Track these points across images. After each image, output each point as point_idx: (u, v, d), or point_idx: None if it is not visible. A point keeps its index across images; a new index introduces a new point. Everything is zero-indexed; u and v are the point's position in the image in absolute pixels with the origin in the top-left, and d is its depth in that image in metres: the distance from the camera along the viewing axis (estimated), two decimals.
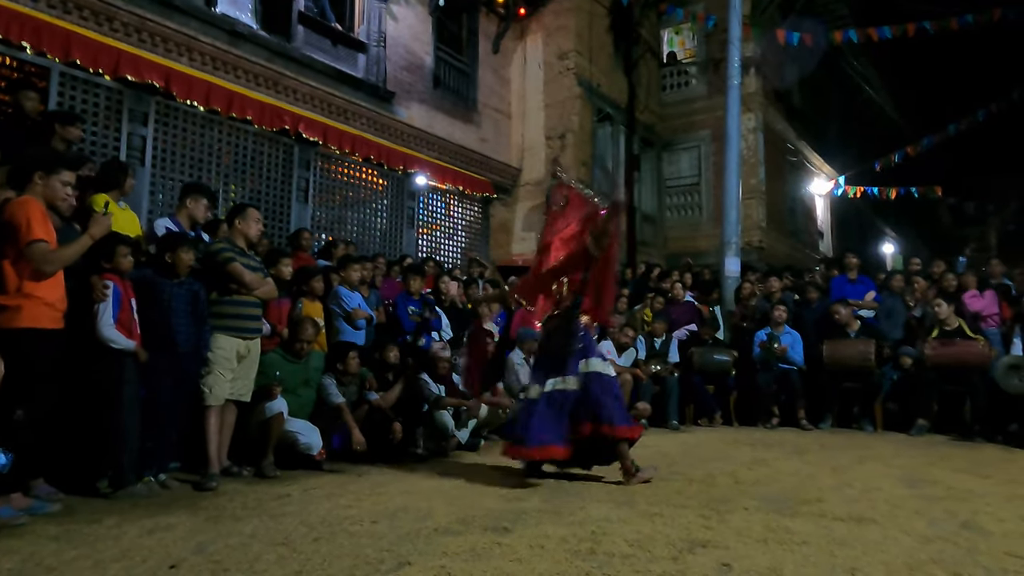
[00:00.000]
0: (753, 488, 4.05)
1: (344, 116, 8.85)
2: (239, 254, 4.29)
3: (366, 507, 3.51)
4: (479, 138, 11.41)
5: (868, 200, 18.55)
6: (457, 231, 11.42)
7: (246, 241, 4.43)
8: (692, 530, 3.00)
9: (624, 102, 13.55)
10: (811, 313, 7.90)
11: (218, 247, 4.30)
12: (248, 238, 4.45)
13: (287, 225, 8.17)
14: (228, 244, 4.33)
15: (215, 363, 4.14)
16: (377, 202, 9.85)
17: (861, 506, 3.53)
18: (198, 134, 7.44)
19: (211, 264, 4.24)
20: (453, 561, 2.55)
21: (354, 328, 5.90)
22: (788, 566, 2.49)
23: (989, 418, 6.44)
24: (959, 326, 6.78)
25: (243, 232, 4.41)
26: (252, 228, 4.45)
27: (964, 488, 4.05)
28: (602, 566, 2.50)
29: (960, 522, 3.21)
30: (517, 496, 3.77)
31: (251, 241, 4.50)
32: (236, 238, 4.40)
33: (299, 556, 2.64)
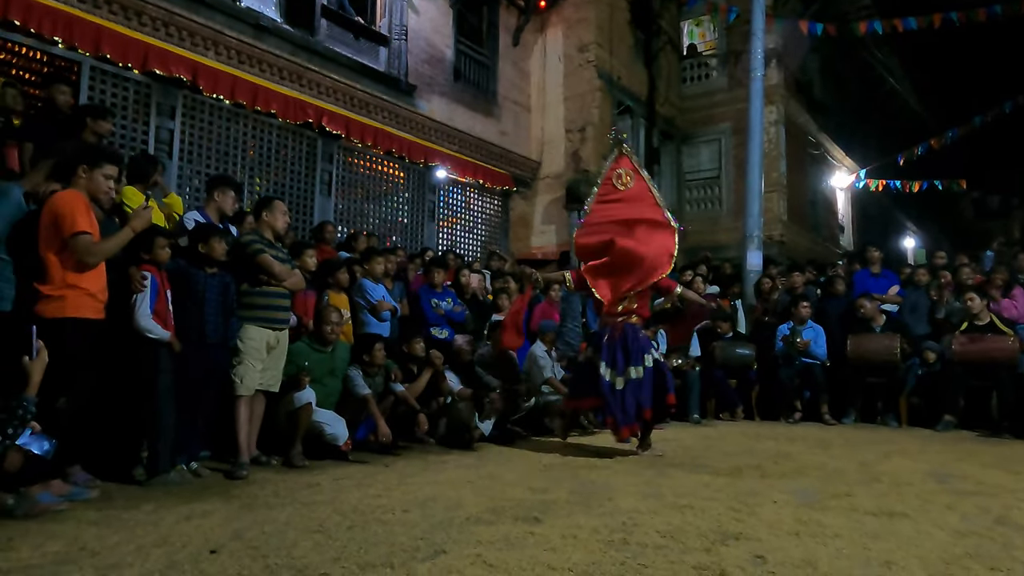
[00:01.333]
0: (780, 482, 4.04)
1: (366, 109, 8.90)
2: (267, 246, 4.35)
3: (396, 496, 3.55)
4: (499, 131, 11.41)
5: (889, 193, 18.32)
6: (477, 224, 11.45)
7: (273, 233, 4.49)
8: (723, 522, 3.01)
9: (644, 95, 13.48)
10: (835, 307, 7.84)
11: (248, 239, 4.36)
12: (275, 230, 4.50)
13: (310, 218, 8.24)
14: (257, 236, 4.38)
15: (246, 353, 4.19)
16: (398, 195, 9.90)
17: (891, 500, 3.51)
18: (224, 127, 7.52)
19: (241, 256, 4.29)
20: (488, 550, 2.57)
21: (379, 320, 5.95)
22: (822, 559, 2.49)
23: (1017, 414, 6.37)
24: (990, 321, 6.69)
25: (270, 224, 4.46)
26: (279, 220, 4.50)
27: (995, 483, 4.01)
28: (636, 556, 2.51)
29: (993, 518, 3.18)
30: (544, 488, 3.79)
31: (278, 233, 4.55)
32: (263, 230, 4.45)
33: (335, 543, 2.69)
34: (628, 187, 5.26)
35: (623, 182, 5.26)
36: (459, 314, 6.60)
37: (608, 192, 5.33)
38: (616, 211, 5.23)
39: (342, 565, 2.42)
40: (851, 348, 7.11)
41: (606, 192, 5.34)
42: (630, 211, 5.18)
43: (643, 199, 5.21)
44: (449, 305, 6.57)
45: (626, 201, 5.24)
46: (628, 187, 5.26)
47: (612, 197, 5.31)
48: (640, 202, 5.20)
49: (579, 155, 11.90)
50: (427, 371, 5.56)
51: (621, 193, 5.28)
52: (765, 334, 7.92)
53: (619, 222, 5.18)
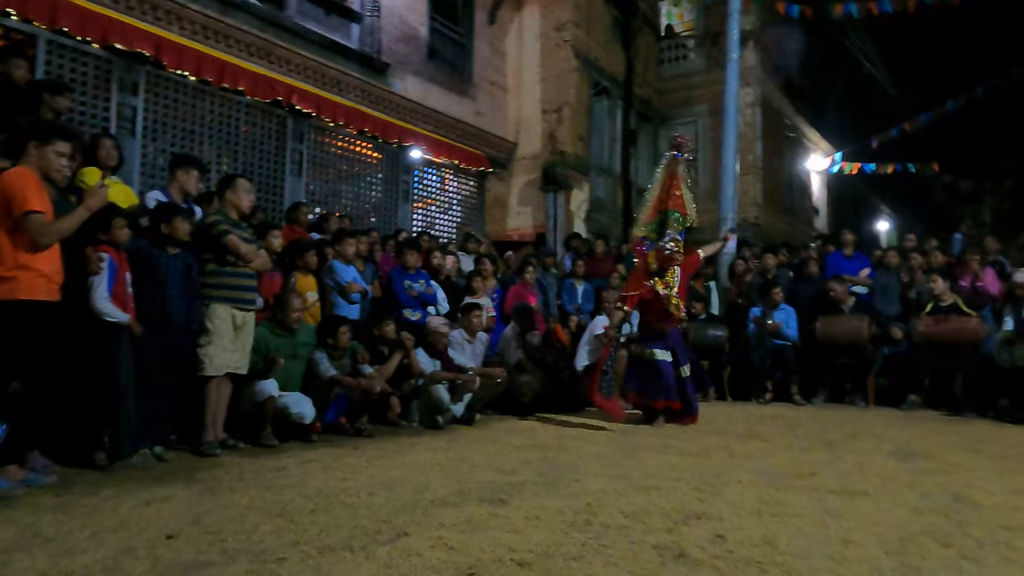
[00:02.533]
0: (747, 462, 4.08)
1: (338, 88, 8.73)
2: (233, 226, 4.26)
3: (363, 479, 3.52)
4: (475, 111, 11.28)
5: (864, 177, 18.52)
6: (452, 206, 11.35)
7: (238, 212, 4.39)
8: (687, 502, 3.03)
9: (621, 76, 13.41)
10: (807, 289, 7.92)
11: (212, 219, 4.26)
12: (239, 209, 4.41)
13: (281, 198, 8.10)
14: (222, 216, 4.29)
15: (215, 333, 4.13)
16: (372, 176, 9.76)
17: (853, 479, 3.56)
18: (189, 104, 7.33)
19: (206, 237, 4.20)
20: (450, 532, 2.56)
21: (348, 302, 5.88)
22: (782, 537, 2.52)
23: (980, 393, 6.51)
24: (954, 302, 6.81)
25: (234, 203, 4.37)
26: (243, 199, 4.40)
27: (954, 462, 4.09)
28: (598, 537, 2.52)
29: (951, 495, 3.25)
30: (513, 469, 3.79)
31: (243, 212, 4.45)
32: (228, 210, 4.36)
33: (296, 527, 2.66)
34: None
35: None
36: (431, 296, 6.55)
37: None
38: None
39: (301, 549, 2.39)
40: (820, 330, 7.20)
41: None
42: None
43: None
44: (422, 287, 6.51)
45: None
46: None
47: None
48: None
49: (556, 136, 11.82)
50: (398, 353, 5.51)
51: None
52: (738, 316, 7.99)
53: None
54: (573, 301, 8.41)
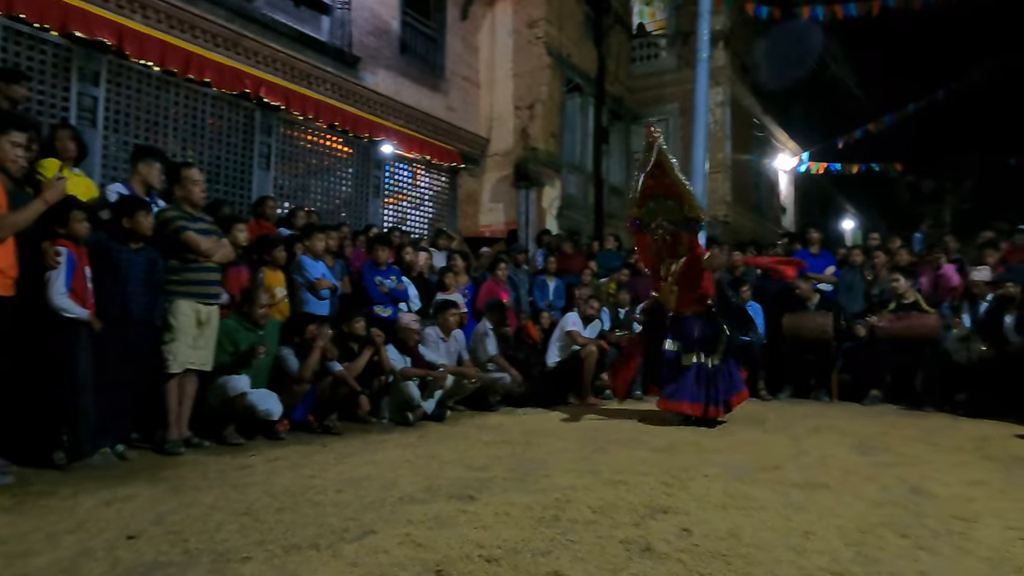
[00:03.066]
0: (714, 456, 4.14)
1: (307, 81, 8.61)
2: (189, 220, 4.16)
3: (331, 477, 3.49)
4: (447, 107, 11.23)
5: (830, 176, 18.86)
6: (424, 201, 11.29)
7: (192, 204, 4.27)
8: (654, 497, 3.06)
9: (593, 73, 13.46)
10: (774, 286, 8.04)
11: (167, 216, 4.14)
12: (192, 202, 4.27)
13: (249, 192, 7.96)
14: (177, 211, 4.18)
15: (178, 329, 4.05)
16: (342, 170, 9.65)
17: (816, 473, 3.64)
18: (153, 95, 7.15)
19: (164, 234, 4.10)
20: (418, 529, 2.55)
21: (318, 298, 5.82)
22: (746, 530, 2.56)
23: (939, 388, 6.69)
24: (915, 300, 6.98)
25: (184, 198, 4.25)
26: (192, 191, 4.26)
27: (913, 455, 4.21)
28: (566, 532, 2.53)
29: (909, 487, 3.33)
30: (482, 465, 3.79)
31: (196, 203, 4.32)
32: (182, 203, 4.25)
33: (261, 526, 2.62)
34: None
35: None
36: (402, 292, 6.51)
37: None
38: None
39: (266, 548, 2.36)
40: (786, 326, 7.33)
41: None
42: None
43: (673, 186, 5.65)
44: (393, 283, 6.47)
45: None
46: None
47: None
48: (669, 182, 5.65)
49: (528, 132, 11.82)
50: (367, 350, 5.47)
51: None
52: None
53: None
54: (544, 298, 8.43)
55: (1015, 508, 2.95)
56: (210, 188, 7.60)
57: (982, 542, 2.46)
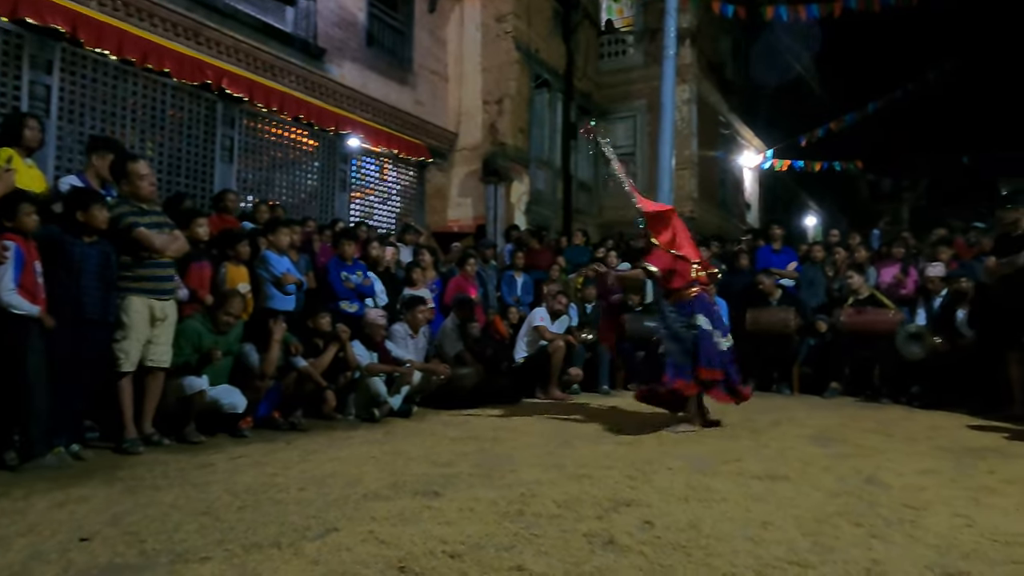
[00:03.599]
0: (677, 449, 4.20)
1: (272, 72, 8.45)
2: (139, 214, 4.04)
3: (294, 475, 3.45)
4: (414, 100, 11.14)
5: (794, 173, 19.24)
6: (391, 196, 11.20)
7: (140, 199, 4.14)
8: (618, 490, 3.09)
9: (562, 69, 13.49)
10: (738, 281, 8.17)
11: (117, 212, 4.01)
12: (139, 197, 4.13)
13: (210, 185, 7.79)
14: (127, 206, 4.06)
15: (130, 327, 3.95)
16: (308, 164, 9.51)
17: (776, 464, 3.71)
18: (110, 85, 6.95)
19: (114, 230, 3.98)
20: (381, 526, 2.54)
21: (284, 294, 5.73)
22: (707, 522, 2.60)
23: (895, 381, 6.88)
24: (871, 295, 7.18)
25: (132, 193, 4.11)
26: (139, 185, 4.10)
27: (869, 446, 4.32)
28: (530, 527, 2.54)
29: (864, 477, 3.42)
30: (448, 461, 3.79)
31: (145, 198, 4.18)
32: (130, 198, 4.13)
33: (222, 525, 2.58)
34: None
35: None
36: (369, 288, 6.45)
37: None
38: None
39: (226, 547, 2.33)
40: (749, 321, 7.46)
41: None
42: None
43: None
44: (359, 278, 6.41)
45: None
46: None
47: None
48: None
49: (496, 127, 11.80)
50: (333, 345, 5.41)
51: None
52: None
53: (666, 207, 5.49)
54: (512, 293, 8.44)
55: (964, 496, 3.05)
56: (171, 181, 7.46)
57: (931, 530, 2.54)
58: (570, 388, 7.29)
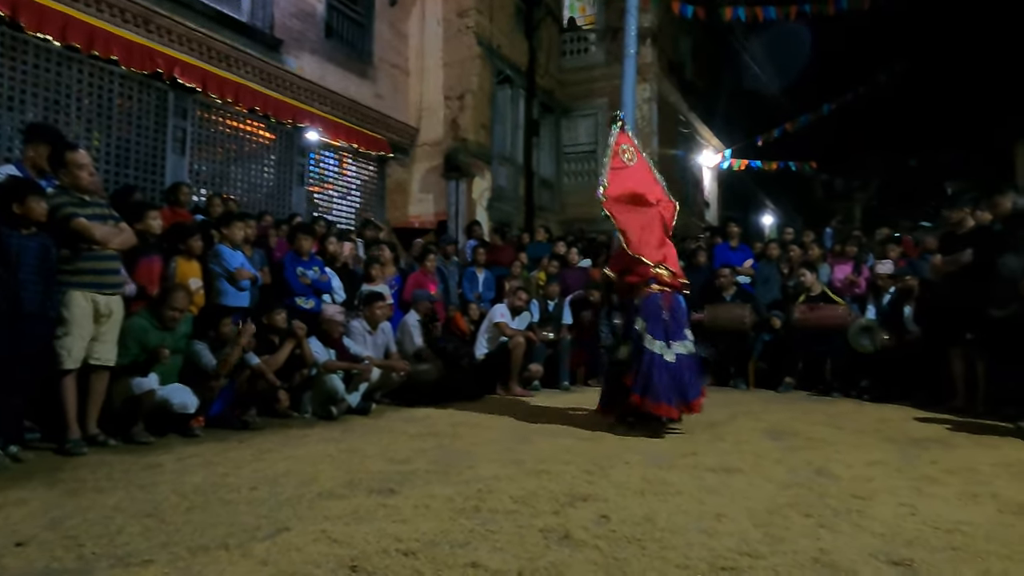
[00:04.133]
0: (636, 444, 4.23)
1: (226, 62, 8.22)
2: (79, 205, 3.88)
3: (246, 474, 3.37)
4: (375, 94, 10.99)
5: (751, 173, 19.64)
6: (351, 191, 11.03)
7: (80, 189, 3.97)
8: (575, 485, 3.10)
9: (524, 66, 13.48)
10: (696, 278, 8.27)
11: (55, 203, 3.84)
12: (79, 187, 3.95)
13: (162, 178, 7.55)
14: (65, 197, 3.89)
15: (72, 323, 3.79)
16: (264, 157, 9.30)
17: (731, 458, 3.77)
18: (53, 72, 6.66)
19: (53, 221, 3.81)
20: (334, 525, 2.49)
21: (238, 289, 5.60)
22: (662, 515, 2.62)
23: (846, 376, 7.08)
24: (823, 292, 7.36)
25: (71, 184, 3.94)
26: (78, 175, 3.93)
27: (820, 438, 4.43)
28: (486, 523, 2.52)
29: (815, 469, 3.50)
30: (406, 458, 3.75)
31: (85, 189, 4.01)
32: (70, 188, 3.96)
33: (167, 527, 2.50)
34: (633, 162, 5.25)
35: (628, 157, 5.28)
36: (326, 284, 6.34)
37: (619, 164, 5.24)
38: (633, 183, 5.17)
39: (170, 550, 2.25)
40: (707, 317, 7.57)
41: (617, 164, 5.23)
42: (646, 186, 5.17)
43: (650, 174, 5.26)
44: (316, 274, 6.29)
45: (638, 176, 5.22)
46: (633, 162, 5.25)
47: (620, 168, 5.22)
48: (650, 177, 5.23)
49: (458, 123, 11.73)
50: (288, 342, 5.31)
51: (629, 167, 5.24)
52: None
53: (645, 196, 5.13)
54: (474, 289, 8.41)
55: (908, 486, 3.15)
56: (119, 173, 7.21)
57: (877, 519, 2.61)
58: (531, 384, 7.30)
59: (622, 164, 5.22)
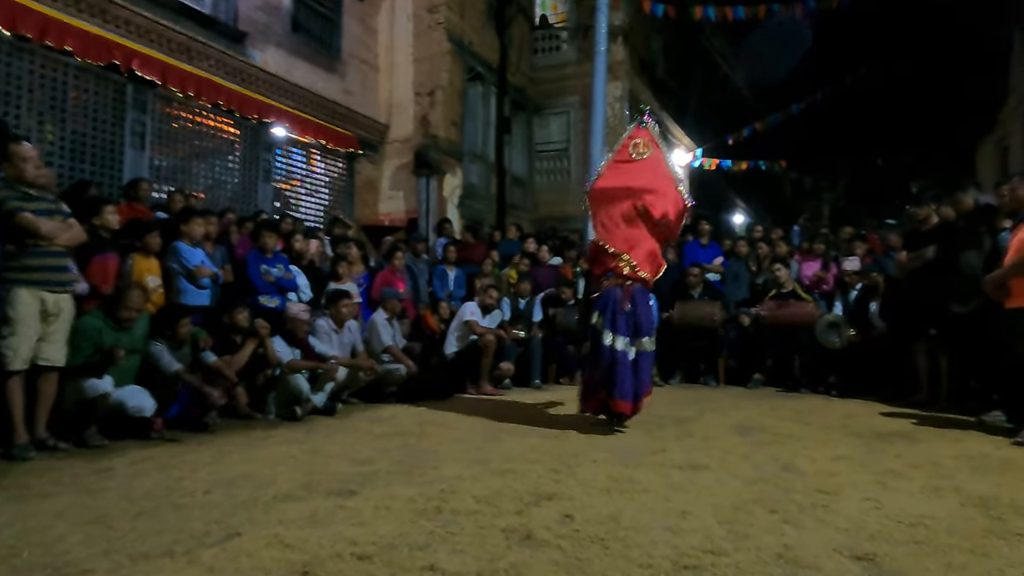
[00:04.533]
0: (604, 442, 4.20)
1: (188, 55, 8.00)
2: (24, 199, 3.72)
3: (201, 478, 3.25)
4: (343, 90, 10.82)
5: (722, 172, 19.80)
6: (319, 188, 10.84)
7: (26, 183, 3.81)
8: (541, 484, 3.04)
9: (495, 62, 13.40)
10: (666, 275, 8.28)
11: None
12: (24, 181, 3.79)
13: (120, 173, 7.32)
14: (10, 191, 3.72)
15: (17, 322, 3.63)
16: (229, 153, 9.08)
17: (699, 454, 3.75)
18: (3, 63, 6.41)
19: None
20: (288, 529, 2.40)
21: (198, 287, 5.45)
22: (627, 513, 2.58)
23: (814, 372, 7.14)
24: (793, 289, 7.42)
25: (16, 177, 3.77)
26: (23, 168, 3.77)
27: (787, 434, 4.43)
28: (447, 524, 2.45)
29: (781, 465, 3.49)
30: (369, 459, 3.66)
31: (31, 182, 3.84)
32: (14, 182, 3.80)
33: (112, 534, 2.38)
34: (644, 156, 5.07)
35: (639, 151, 5.14)
36: (290, 282, 6.20)
37: (624, 157, 5.09)
38: (628, 176, 5.00)
39: (112, 558, 2.14)
40: (676, 314, 7.59)
41: (622, 157, 5.10)
42: (641, 179, 4.96)
43: (657, 169, 5.04)
44: (280, 272, 6.16)
45: (639, 169, 5.02)
46: (644, 156, 5.07)
47: (625, 161, 5.07)
48: (653, 172, 5.01)
49: (428, 120, 11.61)
50: (250, 342, 5.18)
51: (636, 161, 5.06)
52: None
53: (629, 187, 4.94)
54: (444, 288, 8.32)
55: (872, 480, 3.15)
56: (74, 168, 6.97)
57: (841, 513, 2.59)
58: (502, 383, 7.24)
59: (627, 158, 5.09)
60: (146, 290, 4.68)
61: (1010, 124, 17.16)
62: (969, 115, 18.78)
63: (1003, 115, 17.75)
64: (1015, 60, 16.51)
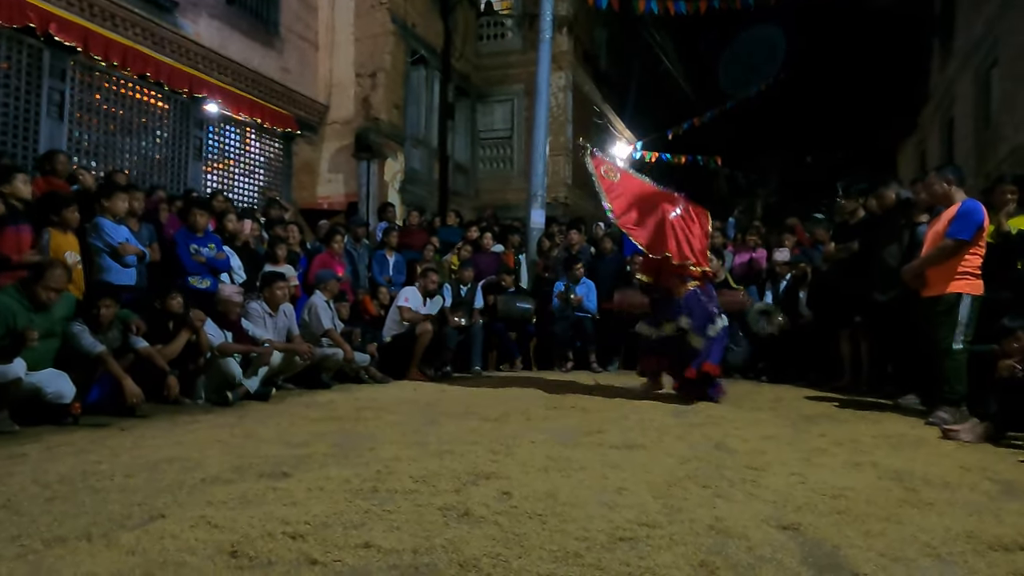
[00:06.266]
0: (543, 424, 4.22)
1: (112, 21, 7.57)
2: None
3: (123, 461, 3.09)
4: (281, 67, 10.47)
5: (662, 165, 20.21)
6: (255, 168, 10.48)
7: None
8: (479, 464, 3.03)
9: (439, 47, 13.24)
10: (606, 265, 8.42)
11: None
12: None
13: (34, 144, 6.87)
14: None
15: None
16: (160, 128, 8.66)
17: (634, 435, 3.81)
18: None
19: None
20: (217, 510, 2.31)
21: (122, 265, 5.19)
22: (564, 490, 2.59)
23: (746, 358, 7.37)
24: (725, 279, 7.63)
25: None
26: None
27: (719, 415, 4.57)
28: (383, 503, 2.41)
29: (713, 444, 3.60)
30: (303, 442, 3.56)
31: None
32: None
33: (22, 519, 2.24)
34: (618, 179, 5.49)
35: (612, 175, 5.49)
36: (223, 262, 5.98)
37: (609, 186, 5.41)
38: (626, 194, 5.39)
39: (21, 543, 2.01)
40: (616, 302, 7.71)
41: (607, 186, 5.41)
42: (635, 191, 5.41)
43: (638, 183, 5.56)
44: (211, 252, 5.92)
45: (623, 186, 5.44)
46: (618, 179, 5.49)
47: (611, 188, 5.41)
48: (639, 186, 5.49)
49: (370, 101, 11.38)
50: (184, 333, 4.94)
51: (617, 183, 5.45)
52: (545, 289, 8.30)
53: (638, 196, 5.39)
54: (384, 273, 8.20)
55: (798, 457, 3.28)
56: None
57: (769, 487, 2.69)
58: (442, 369, 7.20)
59: (611, 184, 5.47)
60: (68, 268, 4.42)
61: (928, 127, 18.15)
62: (892, 118, 19.77)
63: (922, 118, 18.76)
64: (934, 67, 17.46)
